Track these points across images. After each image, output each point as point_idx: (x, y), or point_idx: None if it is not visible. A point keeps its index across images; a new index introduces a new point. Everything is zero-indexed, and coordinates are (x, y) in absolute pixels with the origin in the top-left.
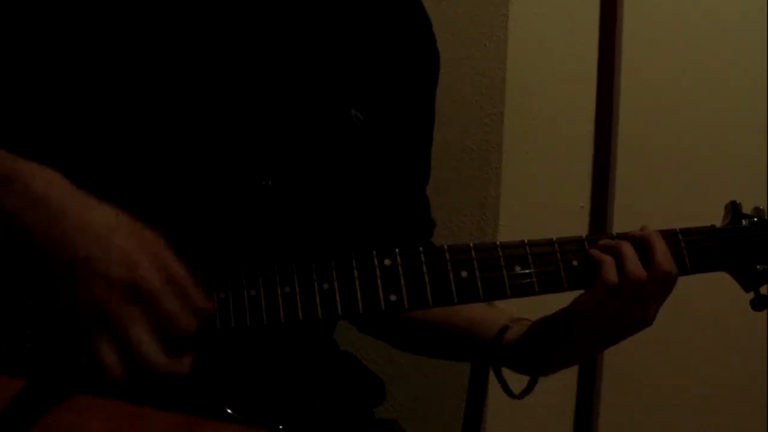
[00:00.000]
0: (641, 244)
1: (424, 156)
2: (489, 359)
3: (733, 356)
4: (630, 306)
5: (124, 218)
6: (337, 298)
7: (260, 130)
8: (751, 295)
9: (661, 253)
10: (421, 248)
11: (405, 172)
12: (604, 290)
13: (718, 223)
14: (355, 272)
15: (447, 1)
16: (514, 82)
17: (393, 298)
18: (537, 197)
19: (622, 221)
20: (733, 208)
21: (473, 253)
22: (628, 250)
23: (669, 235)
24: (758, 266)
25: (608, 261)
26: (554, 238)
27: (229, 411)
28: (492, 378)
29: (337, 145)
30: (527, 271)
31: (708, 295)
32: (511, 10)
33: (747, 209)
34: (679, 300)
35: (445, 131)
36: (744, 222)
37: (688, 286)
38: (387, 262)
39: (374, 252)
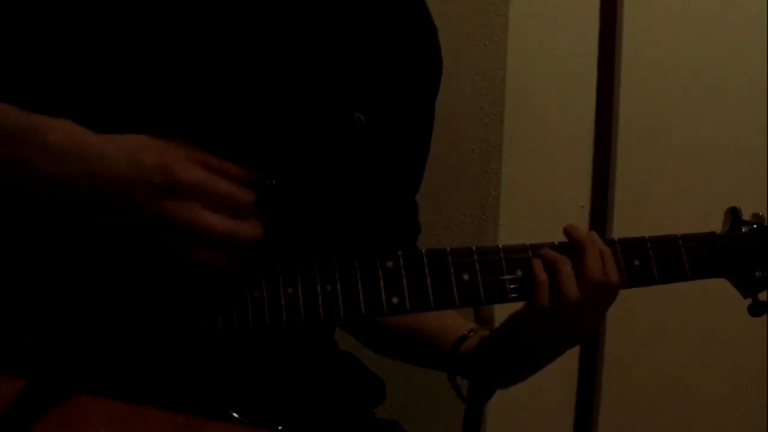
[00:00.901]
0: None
1: (420, 163)
2: (446, 368)
3: (733, 356)
4: (568, 321)
5: (145, 138)
6: (340, 300)
7: (264, 130)
8: (749, 301)
9: (596, 265)
10: (423, 250)
11: (402, 176)
12: (537, 312)
13: (718, 224)
14: (358, 274)
15: (447, 1)
16: (514, 82)
17: (395, 300)
18: (537, 197)
19: (622, 221)
20: (733, 214)
21: (475, 256)
22: (564, 268)
23: (669, 241)
24: (757, 273)
25: (543, 281)
26: (556, 242)
27: (229, 411)
28: None
29: (340, 147)
30: (530, 274)
31: (708, 295)
32: (511, 10)
33: (747, 210)
34: (680, 300)
35: (445, 131)
36: (744, 229)
37: (687, 285)
38: (389, 264)
39: (377, 254)
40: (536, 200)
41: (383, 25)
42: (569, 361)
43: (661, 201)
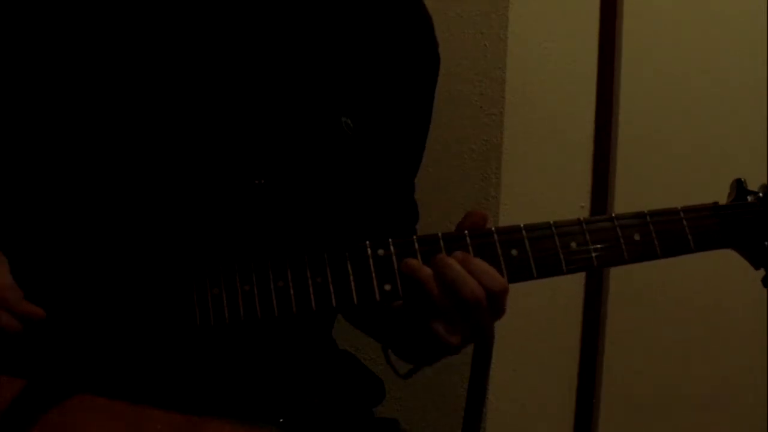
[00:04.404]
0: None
1: (417, 153)
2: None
3: (733, 356)
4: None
5: None
6: (331, 290)
7: (253, 131)
8: (762, 272)
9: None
10: (414, 237)
11: (395, 169)
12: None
13: None
14: (348, 263)
15: (447, 1)
16: (514, 82)
17: (387, 287)
18: (537, 197)
19: None
20: (738, 185)
21: (468, 240)
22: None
23: (669, 213)
24: (767, 242)
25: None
26: (551, 221)
27: (229, 409)
28: (492, 377)
29: (327, 150)
30: (524, 255)
31: (708, 295)
32: (511, 10)
33: None
34: (680, 300)
35: (445, 131)
36: (750, 198)
37: (688, 286)
38: (380, 252)
39: (367, 242)
40: (536, 200)
41: (374, 25)
42: (569, 361)
43: (661, 201)
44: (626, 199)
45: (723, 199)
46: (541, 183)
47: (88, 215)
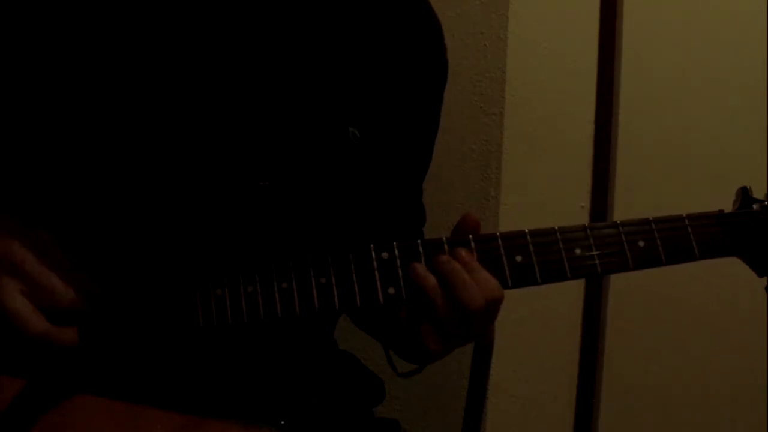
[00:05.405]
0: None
1: (425, 159)
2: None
3: (733, 356)
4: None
5: (8, 220)
6: (335, 292)
7: (258, 134)
8: (765, 280)
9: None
10: (419, 240)
11: (403, 175)
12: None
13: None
14: (352, 266)
15: (447, 2)
16: (514, 82)
17: (391, 291)
18: (537, 197)
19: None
20: (744, 193)
21: (472, 245)
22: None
23: (674, 220)
24: None
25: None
26: (555, 227)
27: (229, 409)
28: (492, 377)
29: (333, 158)
30: (529, 261)
31: (708, 296)
32: (511, 10)
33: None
34: (680, 301)
35: (445, 131)
36: (755, 206)
37: (688, 287)
38: (384, 255)
39: (372, 245)
40: (536, 200)
41: (384, 33)
42: (569, 362)
43: (661, 201)
44: (626, 199)
45: (723, 200)
46: (541, 183)
47: (91, 216)
